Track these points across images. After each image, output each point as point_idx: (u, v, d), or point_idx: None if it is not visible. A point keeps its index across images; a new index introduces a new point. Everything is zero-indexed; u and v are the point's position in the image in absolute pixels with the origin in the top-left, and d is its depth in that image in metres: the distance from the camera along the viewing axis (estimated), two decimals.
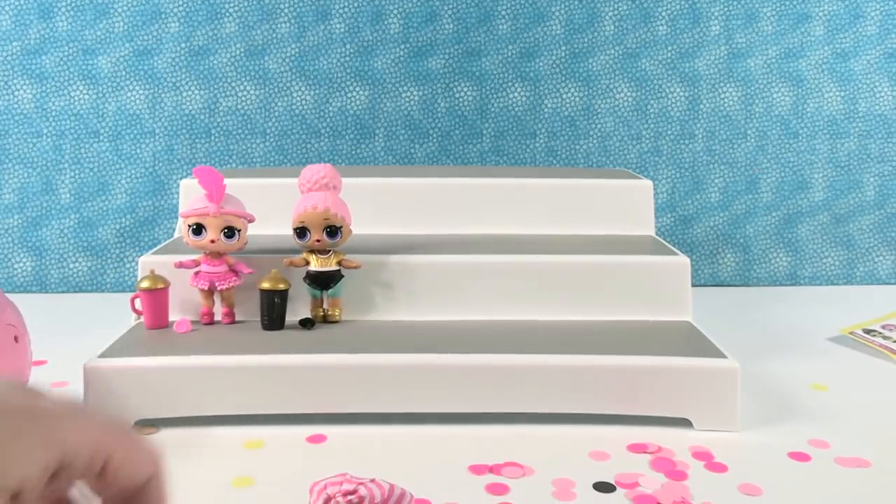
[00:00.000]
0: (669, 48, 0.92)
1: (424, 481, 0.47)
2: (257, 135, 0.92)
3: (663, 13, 0.92)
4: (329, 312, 0.63)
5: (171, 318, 0.63)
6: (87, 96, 0.91)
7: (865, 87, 0.92)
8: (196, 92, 0.91)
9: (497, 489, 0.47)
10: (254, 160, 0.93)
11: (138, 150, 0.92)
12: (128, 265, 0.92)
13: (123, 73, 0.91)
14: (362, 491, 0.38)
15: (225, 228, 0.61)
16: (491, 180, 0.77)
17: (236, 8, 0.90)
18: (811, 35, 0.92)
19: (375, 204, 0.73)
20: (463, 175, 0.79)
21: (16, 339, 0.52)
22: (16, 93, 0.90)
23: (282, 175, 0.76)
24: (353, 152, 0.93)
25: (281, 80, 0.92)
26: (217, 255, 0.62)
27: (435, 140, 0.93)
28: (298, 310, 0.63)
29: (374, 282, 0.65)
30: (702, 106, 0.93)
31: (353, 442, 0.54)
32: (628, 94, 0.93)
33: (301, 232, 0.62)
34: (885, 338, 0.72)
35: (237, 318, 0.63)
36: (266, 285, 0.61)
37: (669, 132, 0.93)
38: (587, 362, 0.56)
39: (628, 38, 0.92)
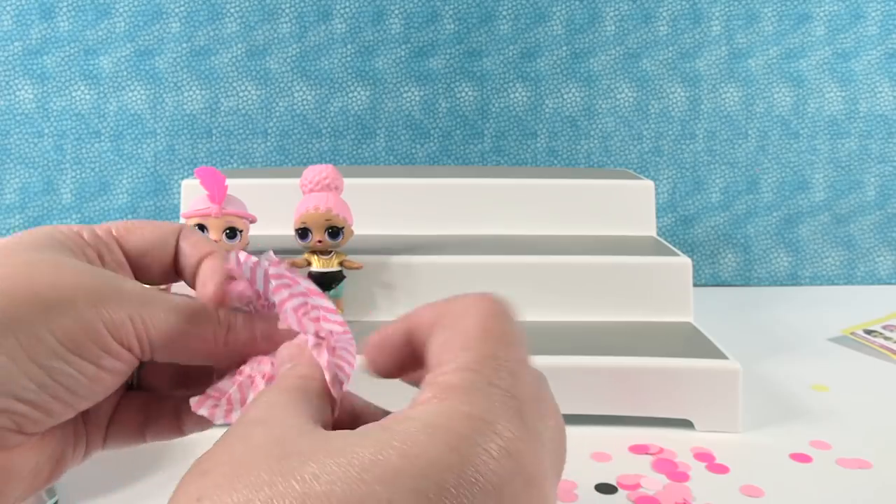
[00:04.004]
0: (670, 48, 0.92)
1: None
2: (258, 135, 0.92)
3: (664, 13, 0.92)
4: None
5: None
6: (88, 96, 0.91)
7: (866, 87, 0.92)
8: (197, 92, 0.91)
9: None
10: (255, 160, 0.93)
11: (139, 150, 0.92)
12: None
13: (125, 73, 0.91)
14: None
15: (227, 229, 0.61)
16: (492, 180, 0.77)
17: (237, 8, 0.90)
18: (812, 35, 0.92)
19: (377, 204, 0.73)
20: (464, 175, 0.79)
21: None
22: (17, 93, 0.90)
23: (283, 175, 0.76)
24: (355, 152, 0.93)
25: (282, 81, 0.92)
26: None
27: (436, 140, 0.93)
28: None
29: (375, 282, 0.65)
30: (702, 106, 0.93)
31: None
32: (629, 94, 0.93)
33: (303, 233, 0.62)
34: (886, 338, 0.72)
35: None
36: None
37: (670, 132, 0.93)
38: (588, 363, 0.56)
39: (629, 38, 0.92)
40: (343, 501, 0.17)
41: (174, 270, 0.31)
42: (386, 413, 0.26)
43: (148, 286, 0.28)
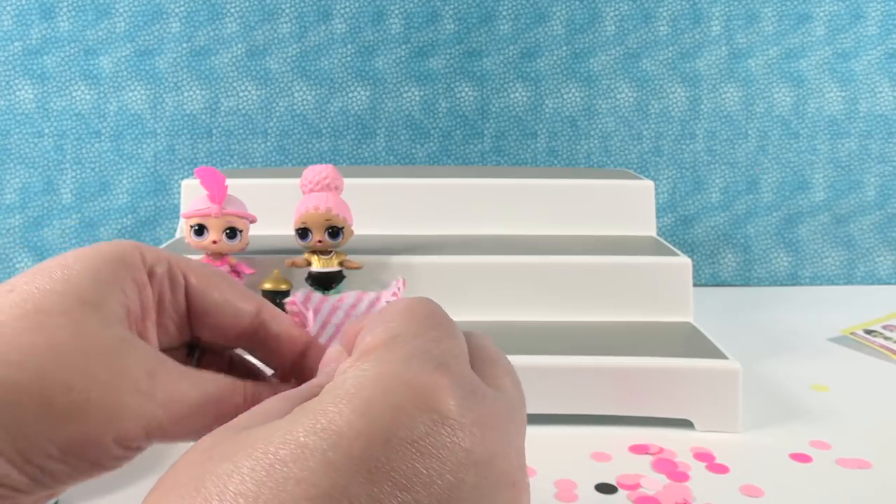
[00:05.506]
0: (670, 48, 0.92)
1: None
2: (258, 135, 0.92)
3: (664, 13, 0.92)
4: None
5: None
6: (88, 96, 0.91)
7: (866, 87, 0.92)
8: (197, 92, 0.91)
9: None
10: (255, 160, 0.93)
11: (140, 150, 0.92)
12: None
13: (125, 73, 0.91)
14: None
15: (227, 229, 0.61)
16: (492, 180, 0.77)
17: (237, 8, 0.90)
18: (812, 35, 0.92)
19: (377, 204, 0.73)
20: (464, 175, 0.79)
21: None
22: (17, 93, 0.90)
23: (283, 175, 0.76)
24: (355, 152, 0.93)
25: (282, 81, 0.92)
26: (219, 256, 0.62)
27: (436, 140, 0.93)
28: None
29: (375, 282, 0.65)
30: (702, 106, 0.93)
31: None
32: (629, 94, 0.93)
33: (303, 233, 0.62)
34: (885, 338, 0.72)
35: None
36: (268, 286, 0.61)
37: (670, 132, 0.93)
38: (588, 363, 0.56)
39: (629, 38, 0.92)
40: (256, 492, 0.17)
41: (236, 336, 0.29)
42: None
43: (174, 362, 0.26)
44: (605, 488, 0.48)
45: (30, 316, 0.24)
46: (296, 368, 0.30)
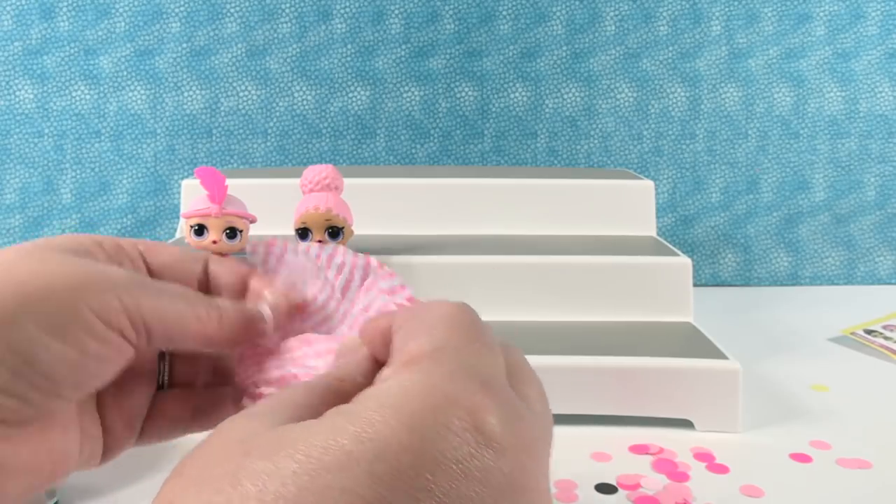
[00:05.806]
0: (670, 48, 0.92)
1: None
2: (258, 135, 0.92)
3: (664, 13, 0.92)
4: None
5: None
6: (88, 96, 0.91)
7: (866, 87, 0.92)
8: (197, 92, 0.91)
9: None
10: (255, 160, 0.93)
11: (139, 150, 0.92)
12: None
13: (125, 73, 0.91)
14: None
15: (227, 229, 0.61)
16: (492, 180, 0.77)
17: (237, 8, 0.90)
18: (812, 35, 0.92)
19: (377, 204, 0.73)
20: (464, 175, 0.79)
21: None
22: (17, 93, 0.90)
23: (283, 175, 0.76)
24: (355, 152, 0.93)
25: (282, 81, 0.92)
26: (219, 256, 0.62)
27: (436, 140, 0.93)
28: None
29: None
30: (703, 106, 0.93)
31: None
32: (629, 94, 0.93)
33: (303, 233, 0.62)
34: (886, 338, 0.72)
35: None
36: None
37: (670, 132, 0.93)
38: (588, 363, 0.57)
39: (629, 38, 0.92)
40: (298, 497, 0.17)
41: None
42: None
43: (138, 274, 0.28)
44: (605, 488, 0.48)
45: None
46: (241, 299, 0.31)
